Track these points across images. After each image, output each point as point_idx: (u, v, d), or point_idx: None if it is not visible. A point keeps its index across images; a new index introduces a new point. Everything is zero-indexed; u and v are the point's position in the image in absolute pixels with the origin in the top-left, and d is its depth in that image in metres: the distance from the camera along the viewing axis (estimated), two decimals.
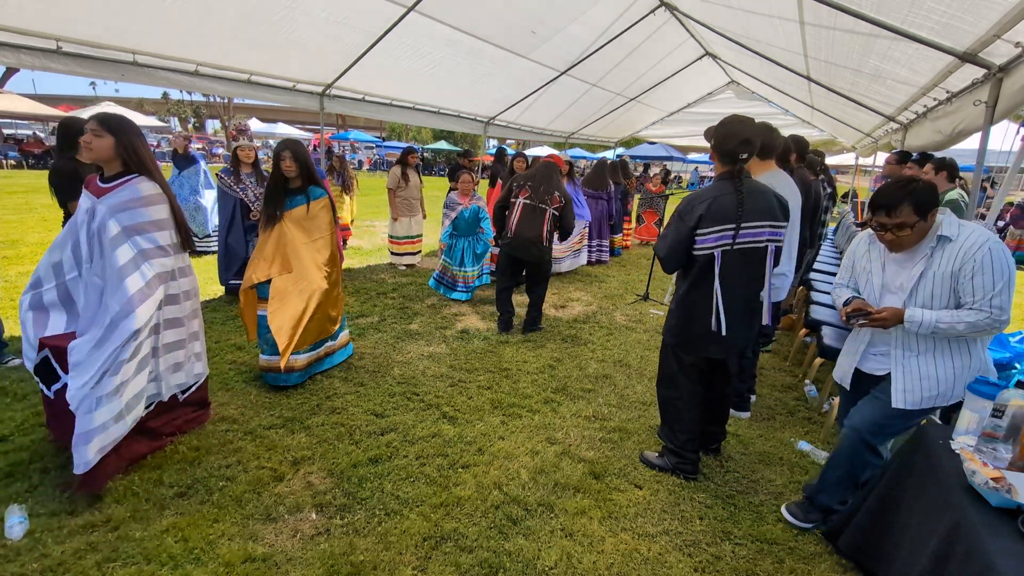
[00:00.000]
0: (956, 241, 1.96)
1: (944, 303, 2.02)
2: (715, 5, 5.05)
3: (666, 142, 18.83)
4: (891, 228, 1.99)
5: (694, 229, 2.49)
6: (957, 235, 1.97)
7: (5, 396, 3.19)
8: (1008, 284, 1.90)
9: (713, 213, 2.45)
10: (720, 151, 2.49)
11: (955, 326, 1.95)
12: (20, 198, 11.40)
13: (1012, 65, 2.62)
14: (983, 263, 1.90)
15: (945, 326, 1.97)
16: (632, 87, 8.91)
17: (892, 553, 1.97)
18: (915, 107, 4.58)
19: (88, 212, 2.49)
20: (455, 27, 5.31)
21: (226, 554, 2.11)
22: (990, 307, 1.90)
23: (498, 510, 2.47)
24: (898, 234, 2.00)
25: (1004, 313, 1.89)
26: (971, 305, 1.95)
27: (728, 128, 2.47)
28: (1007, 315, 1.89)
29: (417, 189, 7.03)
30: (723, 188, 2.48)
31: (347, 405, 3.35)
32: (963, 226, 1.99)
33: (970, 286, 1.93)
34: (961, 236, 1.96)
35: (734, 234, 2.45)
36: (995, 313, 1.90)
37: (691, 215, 2.48)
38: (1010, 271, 1.90)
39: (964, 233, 1.96)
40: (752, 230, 2.48)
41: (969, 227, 1.97)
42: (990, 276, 1.89)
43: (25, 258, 6.32)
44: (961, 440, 1.91)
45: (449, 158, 33.35)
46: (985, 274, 1.90)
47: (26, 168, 19.48)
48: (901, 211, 1.96)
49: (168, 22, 4.06)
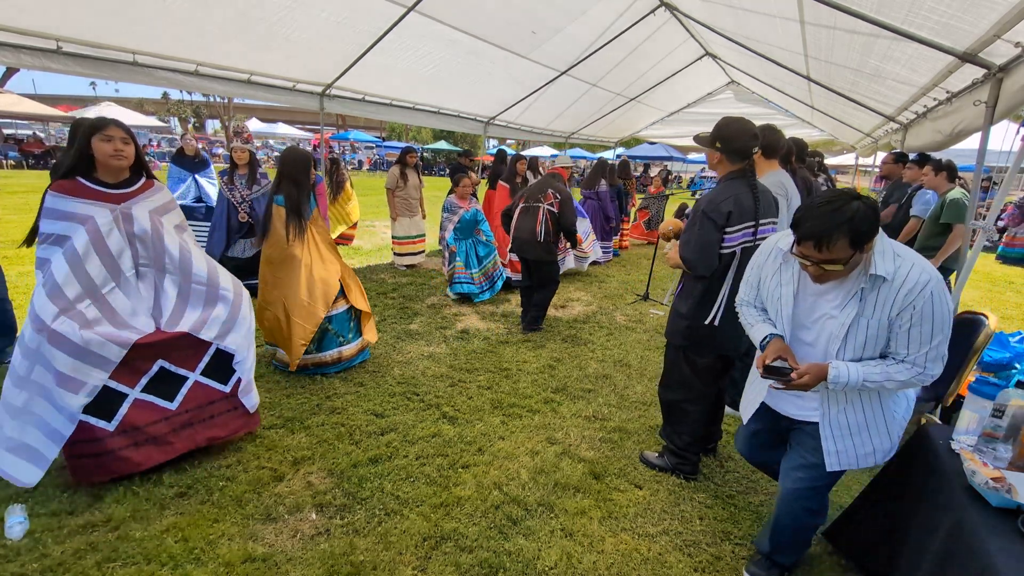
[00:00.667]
0: (892, 282, 1.60)
1: (873, 352, 1.70)
2: (715, 5, 5.05)
3: (666, 142, 18.84)
4: (818, 263, 1.58)
5: (723, 228, 2.46)
6: (893, 274, 1.59)
7: None
8: (946, 336, 1.61)
9: (739, 211, 2.45)
10: (731, 149, 2.48)
11: (883, 384, 1.67)
12: (20, 198, 11.40)
13: (1012, 65, 2.62)
14: (923, 312, 1.58)
15: (873, 385, 1.67)
16: (632, 87, 8.90)
17: (892, 553, 1.97)
18: (915, 107, 4.58)
19: (115, 220, 2.44)
20: (455, 27, 5.31)
21: (226, 554, 2.11)
22: (924, 362, 1.62)
23: (498, 510, 2.47)
24: (827, 269, 1.60)
25: (936, 367, 1.63)
26: (903, 358, 1.65)
27: (734, 126, 2.48)
28: (939, 369, 1.64)
29: (416, 189, 7.02)
30: (739, 187, 2.48)
31: (347, 405, 3.35)
32: (898, 258, 1.62)
33: (906, 338, 1.62)
34: (898, 276, 1.59)
35: (754, 231, 2.46)
36: (928, 368, 1.63)
37: (720, 215, 2.45)
38: (949, 319, 1.60)
39: (901, 271, 1.59)
40: (766, 227, 2.50)
41: (905, 260, 1.61)
42: (929, 327, 1.59)
43: (25, 258, 6.32)
44: (961, 440, 1.91)
45: (449, 158, 33.35)
46: (924, 324, 1.59)
47: (26, 168, 19.47)
48: (834, 245, 1.53)
49: (168, 22, 4.06)
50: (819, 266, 1.58)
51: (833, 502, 2.67)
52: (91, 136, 2.39)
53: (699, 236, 2.49)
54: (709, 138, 2.54)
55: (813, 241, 1.53)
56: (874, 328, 1.64)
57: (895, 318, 1.60)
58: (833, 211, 1.49)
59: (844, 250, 1.53)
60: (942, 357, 1.63)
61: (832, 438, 1.82)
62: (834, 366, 1.66)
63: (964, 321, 2.91)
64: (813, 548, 2.36)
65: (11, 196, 11.75)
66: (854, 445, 1.81)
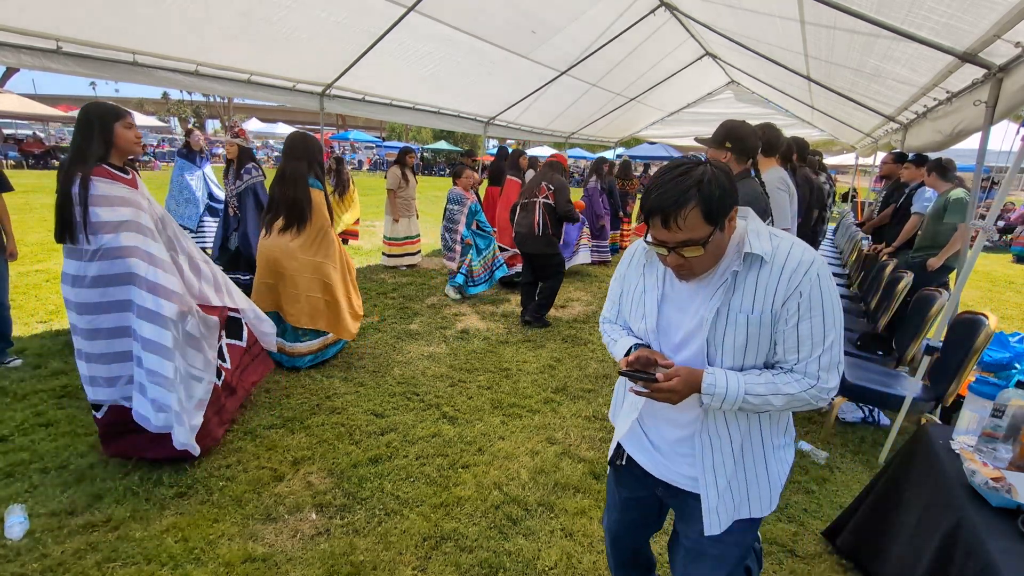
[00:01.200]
0: (772, 263, 1.25)
1: (755, 359, 1.29)
2: (715, 5, 5.05)
3: (666, 142, 18.81)
4: (674, 247, 1.23)
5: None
6: (772, 254, 1.26)
7: (5, 396, 3.19)
8: (839, 334, 1.26)
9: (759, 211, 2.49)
10: (741, 149, 2.54)
11: (770, 401, 1.25)
12: (20, 198, 11.39)
13: (1012, 65, 2.62)
14: (811, 299, 1.22)
15: (757, 401, 1.25)
16: (632, 87, 8.90)
17: (892, 553, 1.97)
18: (915, 107, 4.58)
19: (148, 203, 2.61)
20: (455, 27, 5.31)
21: (226, 554, 2.11)
22: (817, 370, 1.24)
23: (498, 510, 2.47)
24: (686, 255, 1.23)
25: (833, 378, 1.25)
26: (793, 366, 1.27)
27: (744, 127, 2.54)
28: (836, 381, 1.26)
29: (414, 189, 7.07)
30: (751, 185, 2.53)
31: (347, 405, 3.35)
32: (775, 237, 1.29)
33: (794, 336, 1.25)
34: (778, 255, 1.26)
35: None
36: (823, 380, 1.25)
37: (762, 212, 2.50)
38: (840, 311, 1.27)
39: (781, 250, 1.26)
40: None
41: (784, 239, 1.29)
42: (820, 320, 1.23)
43: (25, 258, 6.32)
44: (961, 440, 1.91)
45: (449, 158, 33.35)
46: (814, 317, 1.23)
47: (26, 168, 19.47)
48: (685, 218, 1.18)
49: (168, 22, 4.06)
50: (676, 252, 1.23)
51: (833, 502, 2.68)
52: (114, 123, 2.45)
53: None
54: (718, 138, 2.55)
55: (660, 216, 1.20)
56: (755, 326, 1.26)
57: (780, 310, 1.24)
58: (678, 177, 1.20)
59: (698, 225, 1.19)
60: (838, 365, 1.26)
61: (714, 485, 1.35)
62: (709, 371, 1.27)
63: (964, 321, 2.92)
64: (813, 548, 2.36)
65: (11, 196, 11.73)
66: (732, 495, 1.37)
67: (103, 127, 2.42)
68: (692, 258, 1.24)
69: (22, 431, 2.85)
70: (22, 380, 3.38)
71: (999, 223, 12.71)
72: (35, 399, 3.17)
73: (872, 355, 3.58)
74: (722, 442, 1.35)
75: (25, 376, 3.43)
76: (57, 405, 3.13)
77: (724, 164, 1.24)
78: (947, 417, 3.09)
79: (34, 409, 3.06)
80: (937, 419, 3.00)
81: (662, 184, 1.21)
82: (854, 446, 3.25)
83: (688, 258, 1.24)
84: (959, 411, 2.02)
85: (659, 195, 1.20)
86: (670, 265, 1.30)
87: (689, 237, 1.20)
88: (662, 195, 1.19)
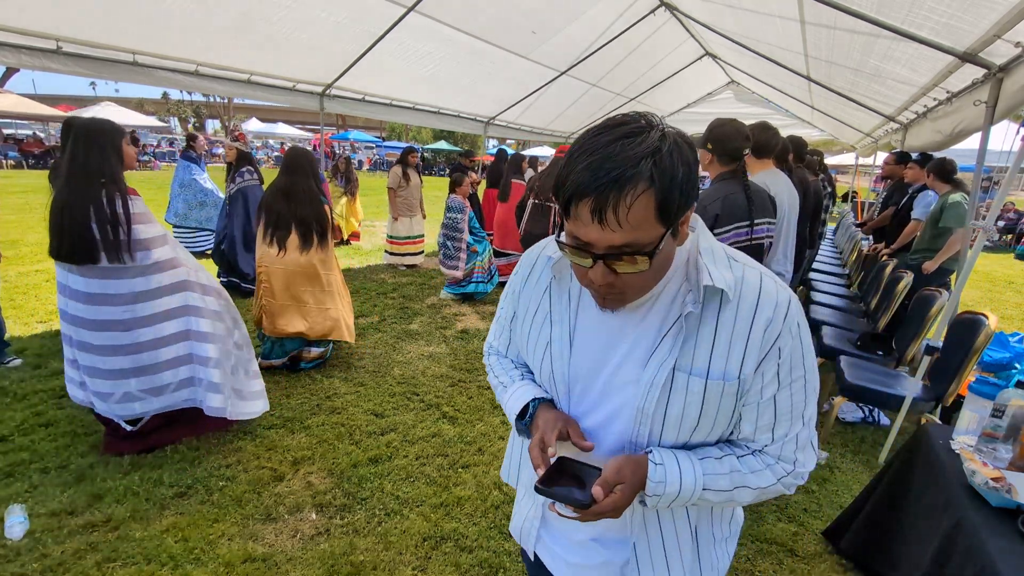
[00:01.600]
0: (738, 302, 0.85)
1: (705, 436, 0.91)
2: (715, 5, 5.05)
3: None
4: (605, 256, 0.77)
5: (711, 229, 2.49)
6: (737, 287, 0.85)
7: (5, 396, 3.19)
8: (816, 397, 0.91)
9: (728, 212, 2.46)
10: (722, 151, 2.51)
11: (734, 497, 0.90)
12: (20, 198, 11.40)
13: (1012, 65, 2.62)
14: (792, 359, 0.86)
15: (718, 498, 0.89)
16: (632, 87, 8.90)
17: (893, 553, 1.97)
18: (915, 107, 4.58)
19: None
20: (455, 27, 5.31)
21: (226, 554, 2.11)
22: (795, 451, 0.90)
23: (498, 510, 2.47)
24: (621, 269, 0.78)
25: (809, 459, 0.92)
26: (764, 446, 0.91)
27: (725, 128, 2.50)
28: (812, 463, 0.93)
29: (417, 189, 7.04)
30: (730, 187, 2.50)
31: (347, 405, 3.35)
32: (735, 263, 0.88)
33: (770, 411, 0.88)
34: (746, 291, 0.85)
35: (749, 231, 2.48)
36: (800, 463, 0.91)
37: (707, 216, 2.47)
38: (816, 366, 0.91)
39: (750, 283, 0.86)
40: (761, 226, 2.51)
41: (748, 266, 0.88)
42: (801, 387, 0.88)
43: (25, 258, 6.32)
44: (961, 440, 1.91)
45: (449, 158, 33.35)
46: (795, 383, 0.87)
47: (26, 168, 19.48)
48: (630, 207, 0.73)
49: (168, 22, 4.06)
50: (607, 266, 0.77)
51: (833, 502, 2.68)
52: (121, 141, 2.48)
53: None
54: (701, 139, 2.55)
55: (591, 200, 0.72)
56: (714, 396, 0.85)
57: (752, 376, 0.85)
58: (621, 140, 0.73)
59: (647, 221, 0.74)
60: (813, 441, 0.92)
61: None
62: (657, 462, 0.86)
63: (964, 321, 2.92)
64: (813, 548, 2.36)
65: (11, 196, 11.75)
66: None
67: (115, 145, 2.42)
68: (629, 275, 0.77)
69: (22, 431, 2.85)
70: (22, 380, 3.39)
71: (999, 223, 12.71)
72: (35, 399, 3.17)
73: (872, 355, 3.58)
74: (665, 545, 0.96)
75: (25, 376, 3.43)
76: (57, 405, 3.13)
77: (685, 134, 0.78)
78: (947, 417, 3.09)
79: (34, 409, 3.06)
80: (937, 419, 3.00)
81: (595, 149, 0.72)
82: (854, 446, 3.25)
83: (623, 275, 0.77)
84: (959, 411, 2.03)
85: (591, 167, 0.71)
86: (593, 284, 0.80)
87: (631, 240, 0.73)
88: (596, 167, 0.71)
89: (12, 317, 4.30)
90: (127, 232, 2.35)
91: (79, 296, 2.39)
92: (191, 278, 2.61)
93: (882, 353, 3.62)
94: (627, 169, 0.71)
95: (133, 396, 2.55)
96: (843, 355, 3.45)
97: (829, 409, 3.46)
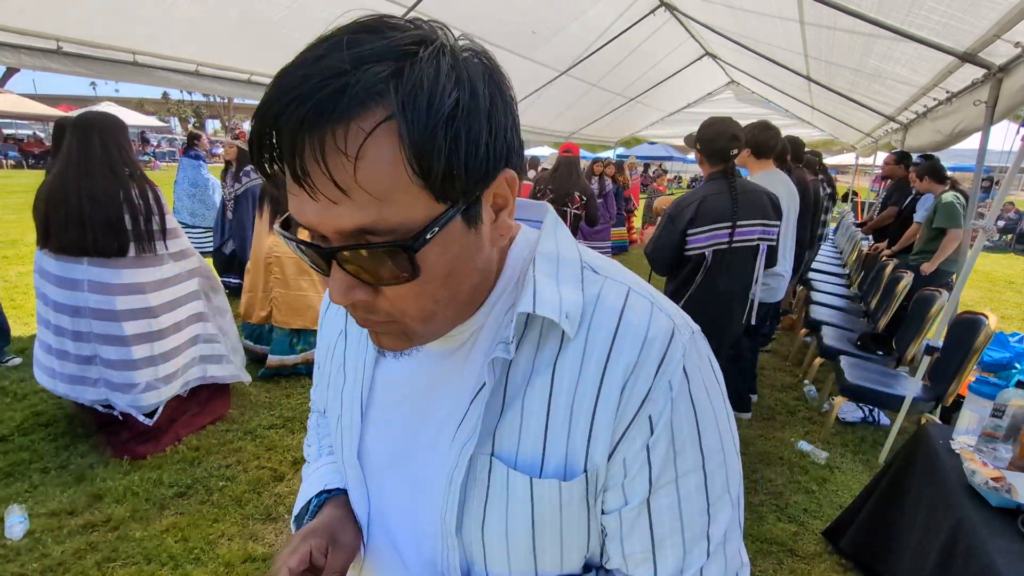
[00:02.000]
0: (585, 338, 0.49)
1: (556, 562, 0.53)
2: (715, 5, 5.05)
3: (666, 142, 18.82)
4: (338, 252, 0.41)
5: (684, 231, 2.48)
6: (585, 315, 0.50)
7: (5, 396, 3.19)
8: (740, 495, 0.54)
9: (704, 213, 2.45)
10: (709, 151, 2.49)
11: None
12: (20, 198, 11.40)
13: (1012, 65, 2.61)
14: (676, 433, 0.48)
15: None
16: (632, 87, 8.90)
17: (892, 553, 1.97)
18: (915, 107, 4.58)
19: None
20: (455, 27, 5.29)
21: (226, 554, 2.11)
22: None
23: None
24: (374, 281, 0.43)
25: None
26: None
27: (714, 127, 2.48)
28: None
29: None
30: (714, 188, 2.49)
31: None
32: (594, 275, 0.53)
33: (644, 525, 0.50)
34: (599, 321, 0.50)
35: (730, 233, 2.45)
36: None
37: (681, 218, 2.47)
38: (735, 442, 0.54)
39: (607, 305, 0.50)
40: (745, 228, 2.49)
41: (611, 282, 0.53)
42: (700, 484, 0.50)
43: (25, 258, 6.32)
44: (961, 440, 1.91)
45: None
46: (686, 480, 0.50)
47: (26, 168, 19.49)
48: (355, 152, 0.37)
49: (168, 22, 4.06)
50: (345, 270, 0.43)
51: (833, 502, 2.68)
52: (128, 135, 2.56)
53: (658, 235, 2.54)
54: (692, 138, 2.55)
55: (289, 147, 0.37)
56: (548, 502, 0.50)
57: (605, 467, 0.50)
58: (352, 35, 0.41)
59: (396, 183, 0.39)
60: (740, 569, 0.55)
61: None
62: None
63: (964, 321, 2.92)
64: (813, 548, 2.36)
65: (11, 196, 11.76)
66: None
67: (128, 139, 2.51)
68: (394, 289, 0.44)
69: (22, 431, 2.85)
70: (22, 380, 3.38)
71: (999, 223, 12.71)
72: (35, 399, 3.17)
73: (872, 355, 3.58)
74: None
75: (25, 376, 3.43)
76: (57, 405, 3.12)
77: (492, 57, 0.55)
78: (947, 417, 3.09)
79: (34, 409, 3.06)
80: (937, 419, 3.00)
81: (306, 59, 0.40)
82: (854, 446, 3.25)
83: (384, 289, 0.45)
84: (959, 411, 2.03)
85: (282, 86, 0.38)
86: (338, 301, 0.44)
87: (372, 219, 0.40)
88: (292, 86, 0.38)
89: (12, 317, 4.29)
90: (161, 222, 2.43)
91: (113, 288, 2.39)
92: (202, 263, 2.84)
93: (882, 353, 3.62)
94: (346, 80, 0.37)
95: (151, 385, 2.58)
96: (843, 355, 3.46)
97: (829, 409, 3.47)
